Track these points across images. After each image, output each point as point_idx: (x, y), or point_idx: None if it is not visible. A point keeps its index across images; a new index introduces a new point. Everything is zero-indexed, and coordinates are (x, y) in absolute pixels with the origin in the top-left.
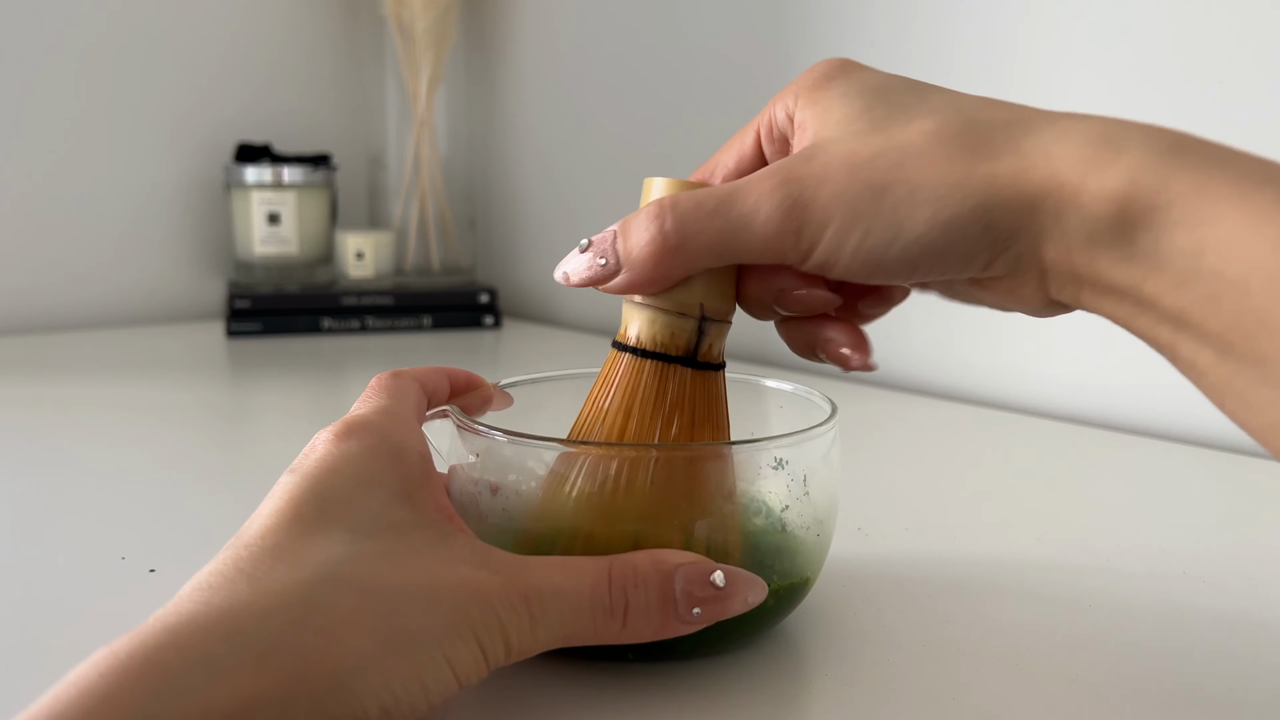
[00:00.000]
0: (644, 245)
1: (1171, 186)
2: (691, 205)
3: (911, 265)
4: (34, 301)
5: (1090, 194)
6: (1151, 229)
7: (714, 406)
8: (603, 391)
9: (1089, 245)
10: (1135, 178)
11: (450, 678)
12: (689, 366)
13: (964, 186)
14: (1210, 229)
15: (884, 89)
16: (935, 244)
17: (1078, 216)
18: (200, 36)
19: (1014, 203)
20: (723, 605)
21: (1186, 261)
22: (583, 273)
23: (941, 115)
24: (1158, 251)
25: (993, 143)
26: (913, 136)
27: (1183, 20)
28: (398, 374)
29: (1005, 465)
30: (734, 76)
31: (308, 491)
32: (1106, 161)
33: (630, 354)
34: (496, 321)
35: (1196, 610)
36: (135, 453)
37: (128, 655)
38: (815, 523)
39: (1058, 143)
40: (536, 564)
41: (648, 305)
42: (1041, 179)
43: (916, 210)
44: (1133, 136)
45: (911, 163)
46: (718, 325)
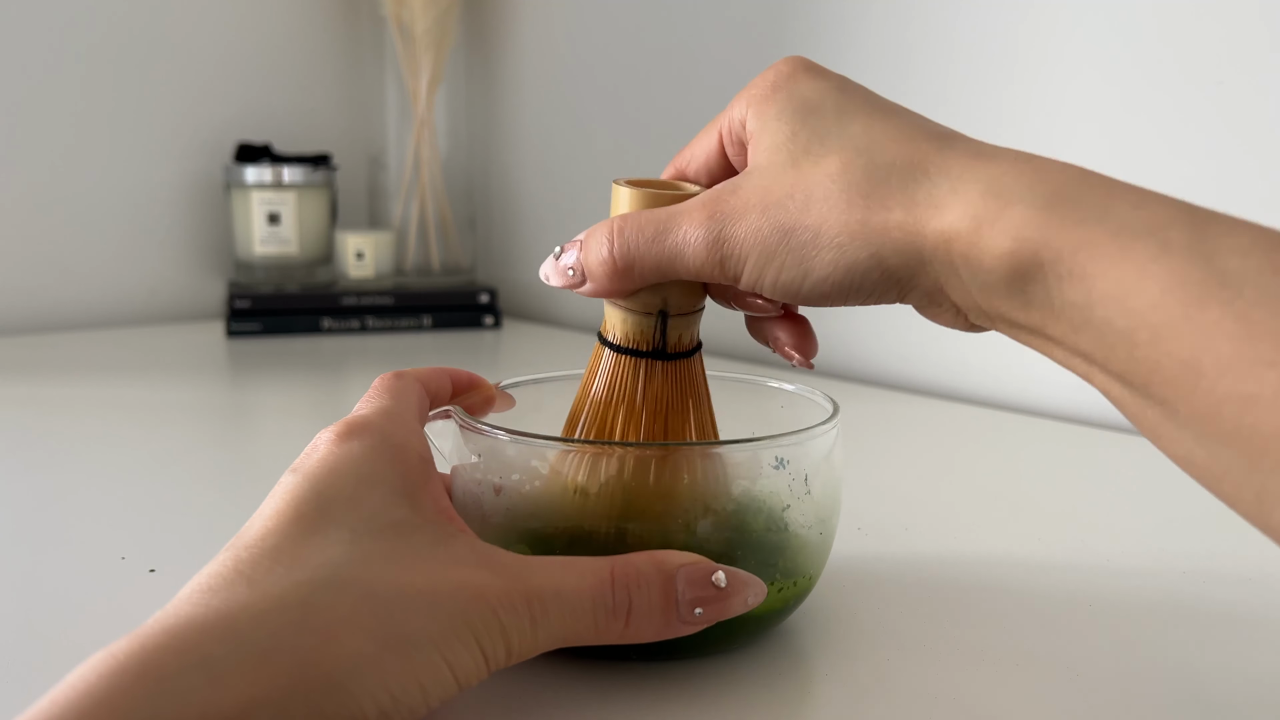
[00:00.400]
0: (599, 264)
1: (1053, 243)
2: (634, 231)
3: (825, 297)
4: (34, 301)
5: (979, 251)
6: (1040, 282)
7: (689, 387)
8: (588, 383)
9: (987, 293)
10: (1020, 235)
11: (449, 680)
12: (658, 359)
13: (859, 237)
14: (1095, 283)
15: (813, 111)
16: (841, 282)
17: (969, 270)
18: (200, 36)
19: (906, 253)
20: (724, 605)
21: (1079, 312)
22: (557, 278)
23: (848, 155)
24: (1050, 302)
25: (888, 191)
26: (819, 179)
27: (1183, 20)
28: (400, 375)
29: (1005, 465)
30: (733, 76)
31: (309, 492)
32: (993, 217)
33: (609, 349)
34: (496, 321)
35: (1196, 610)
36: (135, 453)
37: (126, 657)
38: (818, 521)
39: (950, 195)
40: (538, 565)
41: (618, 305)
42: (932, 235)
43: (819, 254)
44: (1019, 187)
45: (815, 207)
46: (683, 318)
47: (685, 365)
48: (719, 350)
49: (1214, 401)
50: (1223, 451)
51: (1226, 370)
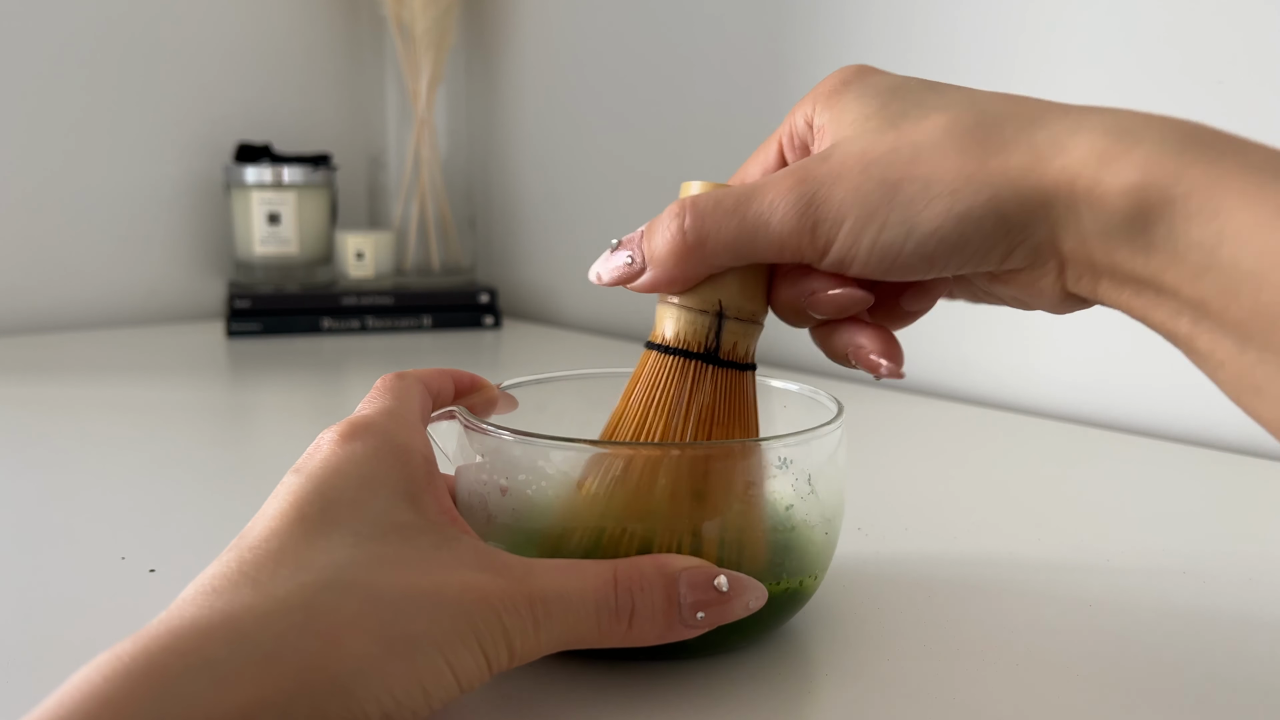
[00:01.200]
0: (665, 244)
1: (1185, 179)
2: (710, 204)
3: (928, 259)
4: (34, 301)
5: (1104, 188)
6: (1167, 221)
7: (738, 405)
8: (630, 388)
9: (1105, 238)
10: (1149, 170)
11: (452, 682)
12: (709, 363)
13: (976, 180)
14: (1225, 221)
15: (899, 88)
16: (950, 237)
17: (1092, 210)
18: (200, 36)
19: (1027, 196)
20: (725, 609)
21: (1203, 253)
22: (612, 272)
23: (955, 110)
24: (1174, 243)
25: (1005, 136)
26: (926, 132)
27: (1184, 20)
28: (402, 375)
29: (1005, 465)
30: (733, 76)
31: (312, 493)
32: (1120, 154)
33: (656, 351)
34: (496, 321)
35: (1196, 610)
36: (135, 453)
37: (131, 659)
38: (823, 521)
39: (1071, 135)
40: (540, 567)
41: (673, 303)
42: (1055, 172)
43: (930, 204)
44: (1147, 128)
45: (924, 157)
46: (741, 324)
47: (738, 380)
48: None
49: None
50: None
51: None
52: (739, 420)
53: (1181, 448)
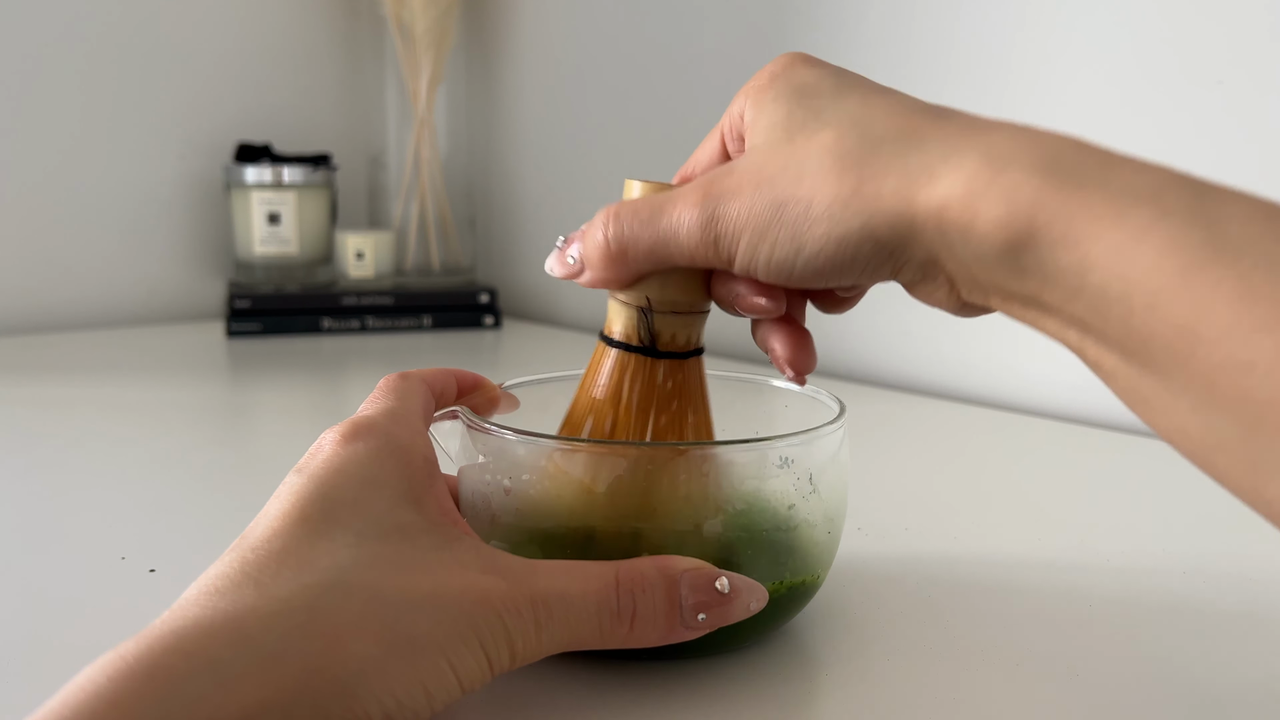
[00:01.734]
0: (594, 250)
1: (1047, 208)
2: (629, 214)
3: (819, 274)
4: (34, 301)
5: (972, 218)
6: (1034, 250)
7: (681, 391)
8: (584, 379)
9: (981, 262)
10: (1013, 201)
11: (454, 684)
12: (648, 355)
13: (851, 206)
14: (1089, 247)
15: (810, 92)
16: (833, 258)
17: (963, 239)
18: (200, 36)
19: (898, 223)
20: (726, 610)
21: (1073, 278)
22: (559, 269)
23: (841, 128)
24: (1044, 270)
25: (882, 160)
26: (812, 151)
27: (1183, 20)
28: (405, 375)
29: (1005, 465)
30: (734, 76)
31: (314, 493)
32: (985, 184)
33: (605, 344)
34: (496, 321)
35: (1196, 610)
36: (135, 453)
37: (135, 659)
38: (826, 520)
39: (943, 163)
40: (542, 568)
41: (617, 299)
42: (924, 201)
43: (811, 227)
44: (1015, 155)
45: (807, 179)
46: (678, 316)
47: (678, 367)
48: (725, 351)
49: (1211, 368)
50: (1218, 420)
51: (1224, 336)
52: (688, 405)
53: None
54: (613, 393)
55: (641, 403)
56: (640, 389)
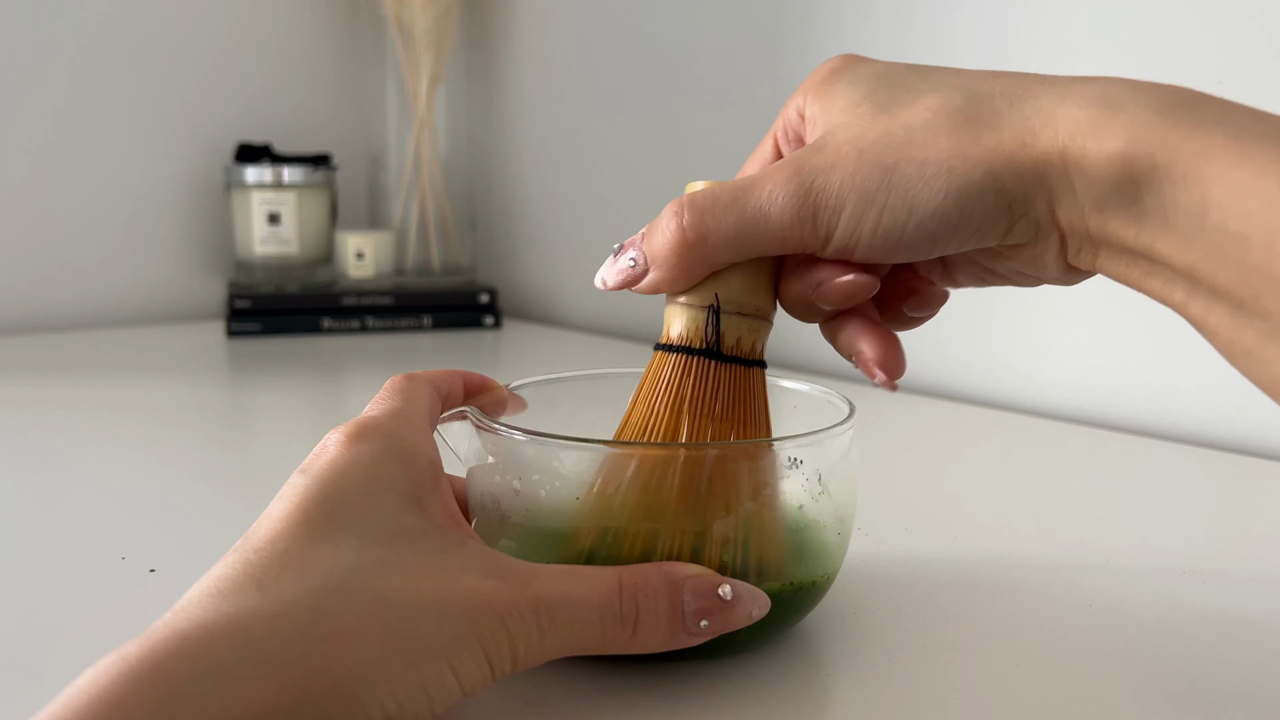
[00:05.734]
0: (666, 242)
1: (1168, 146)
2: (708, 201)
3: (930, 238)
4: (34, 301)
5: (1092, 157)
6: (1154, 188)
7: (744, 401)
8: (638, 390)
9: (1098, 207)
10: (1133, 137)
11: (455, 687)
12: (712, 358)
13: (972, 157)
14: (1210, 186)
15: (887, 75)
16: (950, 215)
17: (1083, 179)
18: (200, 36)
19: (1021, 168)
20: (728, 617)
21: (1191, 219)
22: (616, 276)
23: (944, 91)
24: (1163, 210)
25: (995, 112)
26: (918, 114)
27: (1183, 20)
28: (412, 377)
29: (1005, 465)
30: (734, 76)
31: (318, 495)
32: (1104, 123)
33: (662, 351)
34: (496, 321)
35: (1196, 610)
36: (135, 453)
37: (138, 661)
38: (836, 521)
39: (1058, 106)
40: (545, 573)
41: (678, 303)
42: (1045, 144)
43: (928, 184)
44: (1131, 96)
45: (918, 138)
46: (744, 319)
47: (744, 376)
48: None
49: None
50: None
51: None
52: (747, 416)
53: (1182, 448)
54: (673, 398)
55: (708, 409)
56: (702, 393)
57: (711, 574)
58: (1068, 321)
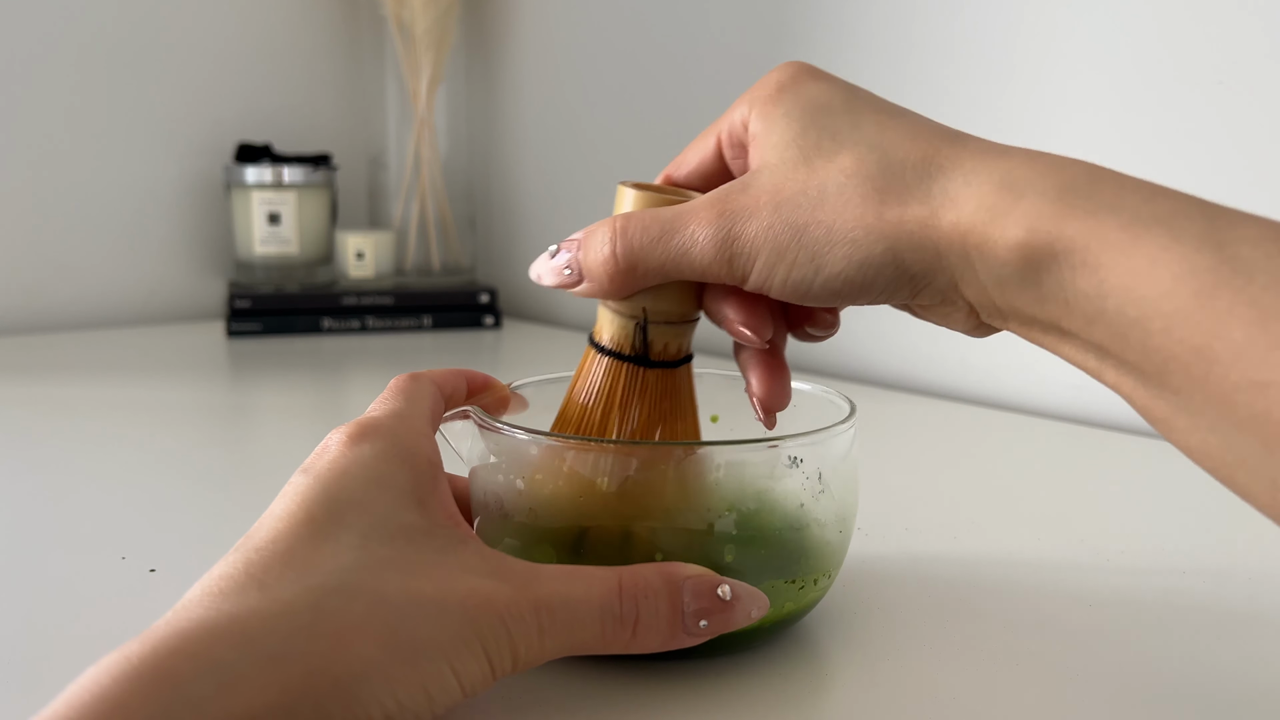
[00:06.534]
0: (599, 263)
1: (1065, 234)
2: (639, 230)
3: (836, 295)
4: (34, 301)
5: (993, 243)
6: (1054, 273)
7: (672, 399)
8: (574, 384)
9: (1001, 287)
10: (1032, 225)
11: (455, 687)
12: (640, 365)
13: (875, 231)
14: (1107, 273)
15: (822, 110)
16: (853, 280)
17: (984, 263)
18: (200, 36)
19: (922, 247)
20: (728, 618)
21: (1091, 303)
22: (552, 277)
23: (861, 151)
24: (1063, 293)
25: (904, 186)
26: (833, 175)
27: (1184, 20)
28: (415, 377)
29: (1005, 465)
30: (734, 76)
31: (319, 494)
32: (1005, 210)
33: (595, 350)
34: (496, 321)
35: (1197, 610)
36: (135, 453)
37: (139, 660)
38: (837, 520)
39: (963, 189)
40: (546, 573)
41: (610, 308)
42: (947, 226)
43: (833, 250)
44: (1031, 180)
45: (829, 203)
46: (671, 326)
47: (669, 376)
48: (729, 350)
49: (1228, 389)
50: (1238, 439)
51: (1240, 356)
52: (676, 413)
53: None
54: (604, 400)
55: (631, 410)
56: (630, 397)
57: (711, 574)
58: None
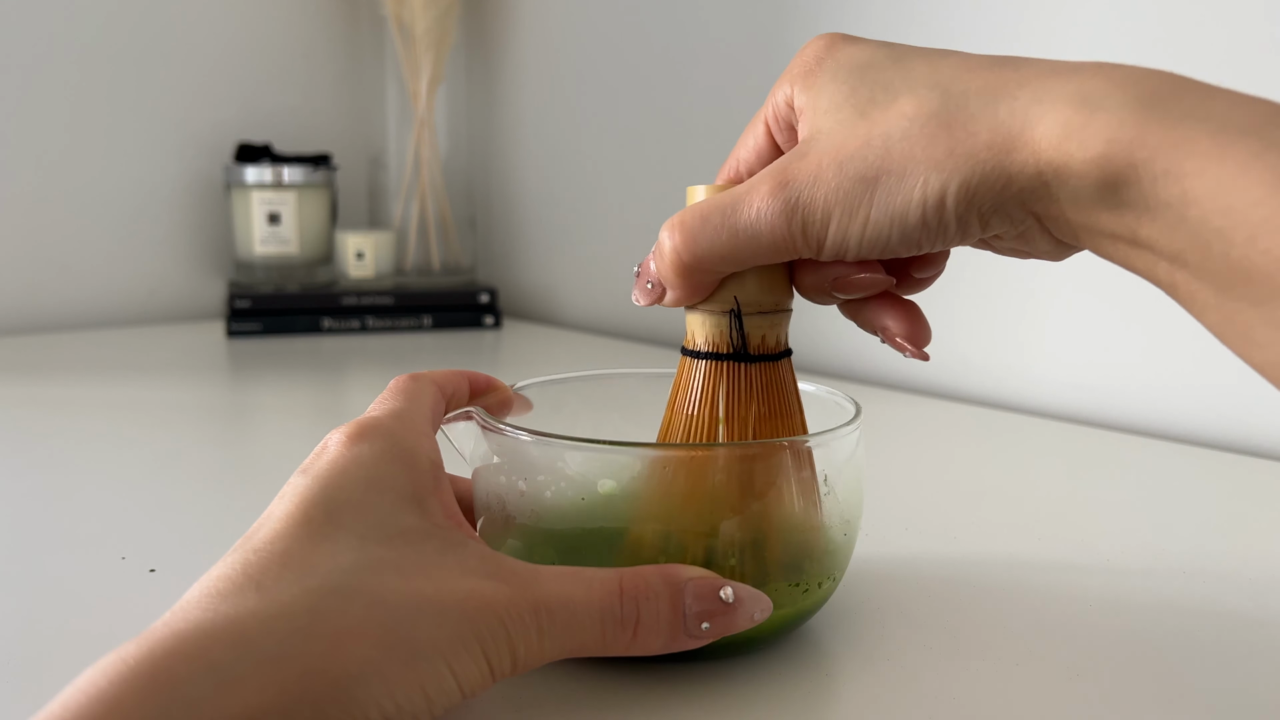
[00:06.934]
0: (666, 266)
1: (1148, 144)
2: (697, 221)
3: (914, 244)
4: (34, 301)
5: (1070, 159)
6: (1135, 184)
7: (777, 394)
8: (671, 398)
9: (1078, 204)
10: (1111, 139)
11: (454, 689)
12: (740, 360)
13: (946, 167)
14: (1191, 182)
15: (867, 66)
16: (930, 223)
17: (1062, 181)
18: (200, 36)
19: (996, 176)
20: (730, 620)
21: (1174, 212)
22: (644, 297)
23: (919, 92)
24: (1145, 203)
25: (970, 115)
26: (894, 121)
27: (1184, 20)
28: (416, 377)
29: (1005, 465)
30: (734, 76)
31: (318, 495)
32: (1081, 125)
33: (689, 357)
34: (496, 321)
35: (1196, 610)
36: (135, 453)
37: (136, 662)
38: (842, 522)
39: (1033, 107)
40: (546, 574)
41: (699, 310)
42: (1021, 149)
43: (906, 196)
44: (1109, 93)
45: (895, 149)
46: (765, 316)
47: (771, 369)
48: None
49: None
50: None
51: None
52: (781, 408)
53: (1181, 448)
54: (708, 405)
55: (743, 412)
56: (737, 397)
57: (713, 576)
58: (1067, 322)
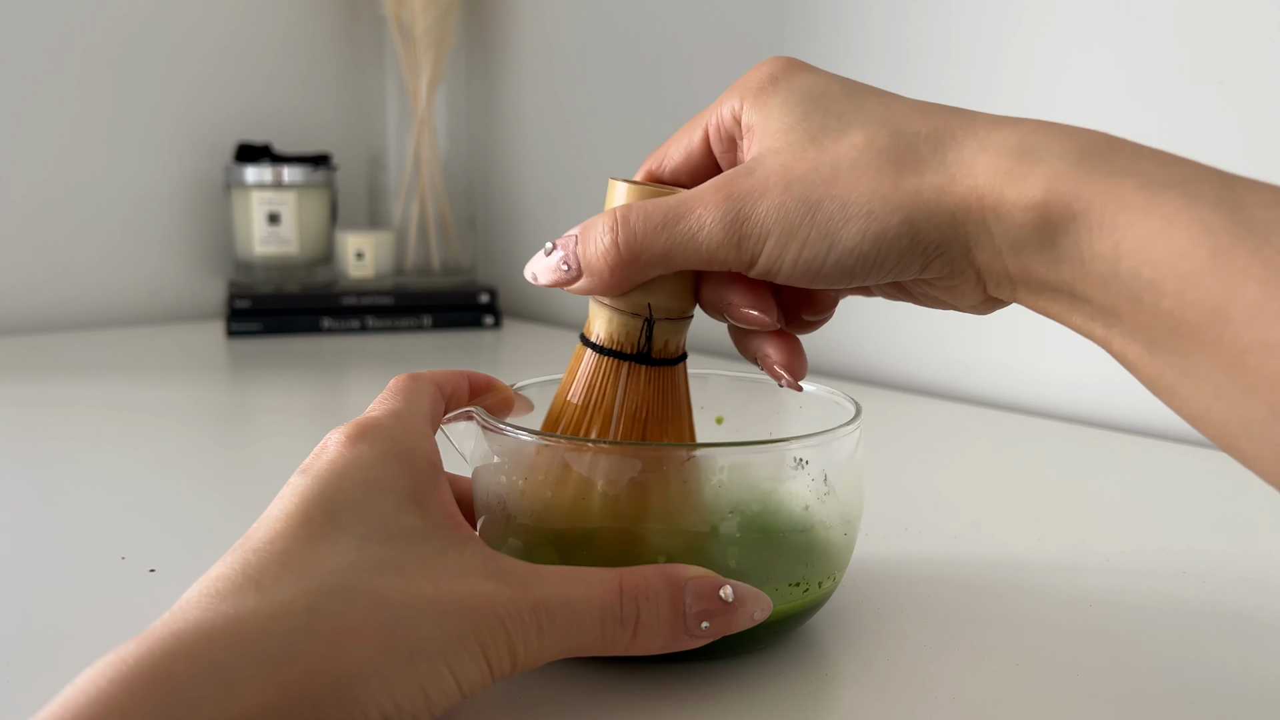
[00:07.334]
0: (599, 256)
1: (1084, 195)
2: (641, 219)
3: (848, 273)
4: (34, 301)
5: (1010, 204)
6: (1070, 233)
7: (672, 398)
8: (566, 383)
9: (1016, 251)
10: (1050, 187)
11: (453, 688)
12: (642, 363)
13: (890, 201)
14: (1123, 234)
15: (822, 95)
16: (867, 254)
17: (1001, 226)
18: (200, 36)
19: (939, 215)
20: (730, 620)
21: (1106, 265)
22: (548, 274)
23: (871, 128)
24: (1079, 254)
25: (918, 156)
26: (844, 151)
27: (1183, 20)
28: (415, 377)
29: (1005, 465)
30: (732, 76)
31: (318, 495)
32: (1023, 172)
33: (592, 350)
34: (496, 321)
35: (1196, 610)
36: (135, 453)
37: (136, 662)
38: (842, 522)
39: (978, 155)
40: (546, 574)
41: (607, 305)
42: (964, 192)
43: (847, 224)
44: (1048, 145)
45: (842, 178)
46: (671, 323)
47: (669, 374)
48: (737, 353)
49: (1239, 349)
50: (1244, 404)
51: (1253, 317)
52: (673, 412)
53: (1181, 448)
54: (604, 400)
55: (636, 412)
56: (633, 398)
57: (713, 576)
58: None
